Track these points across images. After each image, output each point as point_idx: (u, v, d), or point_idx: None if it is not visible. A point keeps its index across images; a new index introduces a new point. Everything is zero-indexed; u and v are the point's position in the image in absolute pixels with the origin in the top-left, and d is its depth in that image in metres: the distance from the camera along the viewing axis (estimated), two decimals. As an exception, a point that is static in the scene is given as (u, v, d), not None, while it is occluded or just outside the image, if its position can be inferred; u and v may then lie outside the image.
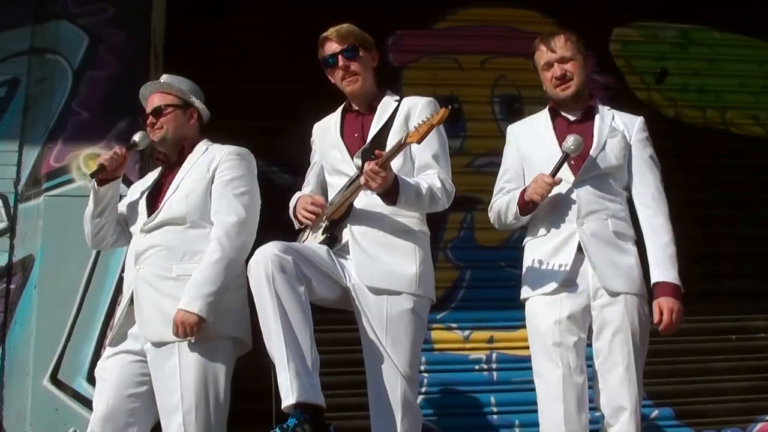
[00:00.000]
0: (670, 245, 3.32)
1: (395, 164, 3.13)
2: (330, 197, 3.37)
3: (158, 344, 3.24)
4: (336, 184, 3.34)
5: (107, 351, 3.42)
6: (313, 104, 3.59)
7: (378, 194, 3.08)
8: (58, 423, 4.17)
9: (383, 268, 3.16)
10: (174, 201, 3.40)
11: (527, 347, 3.47)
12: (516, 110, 5.49)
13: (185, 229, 3.37)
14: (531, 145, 3.51)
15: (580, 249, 3.29)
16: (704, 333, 5.30)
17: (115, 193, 3.51)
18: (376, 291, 3.14)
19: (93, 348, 4.25)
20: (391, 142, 3.18)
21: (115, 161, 3.42)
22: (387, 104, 3.39)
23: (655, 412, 5.10)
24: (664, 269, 3.27)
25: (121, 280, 4.18)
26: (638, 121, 3.52)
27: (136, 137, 3.51)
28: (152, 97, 3.60)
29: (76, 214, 4.14)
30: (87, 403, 4.09)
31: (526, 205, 3.34)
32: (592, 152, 3.36)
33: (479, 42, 5.62)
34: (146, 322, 3.28)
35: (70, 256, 4.35)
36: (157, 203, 3.45)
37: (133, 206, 3.57)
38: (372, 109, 3.40)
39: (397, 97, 3.42)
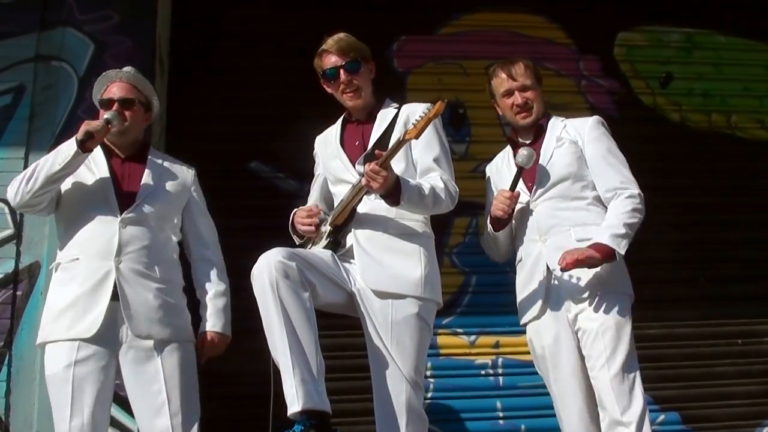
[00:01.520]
0: (619, 216, 3.26)
1: (397, 170, 3.13)
2: (335, 207, 3.36)
3: (144, 340, 3.26)
4: (340, 194, 3.33)
5: (74, 350, 3.21)
6: (319, 110, 3.60)
7: (380, 195, 3.08)
8: (65, 429, 4.18)
9: (388, 271, 3.15)
10: (155, 202, 3.44)
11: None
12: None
13: (158, 232, 3.43)
14: (500, 178, 3.59)
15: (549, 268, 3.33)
16: (710, 337, 5.31)
17: (80, 164, 3.39)
18: (382, 295, 3.13)
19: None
20: None
21: (102, 132, 3.29)
22: (387, 112, 3.40)
23: (662, 417, 5.09)
24: (600, 233, 3.24)
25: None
26: (590, 121, 3.51)
27: (109, 116, 3.36)
28: (117, 85, 3.53)
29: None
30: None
31: (495, 222, 3.44)
32: (539, 168, 3.41)
33: (484, 47, 5.60)
34: (134, 316, 3.26)
35: (76, 262, 4.35)
36: (124, 193, 3.42)
37: (86, 188, 3.42)
38: (372, 118, 3.40)
39: (396, 105, 3.43)
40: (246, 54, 5.30)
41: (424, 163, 3.28)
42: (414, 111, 3.31)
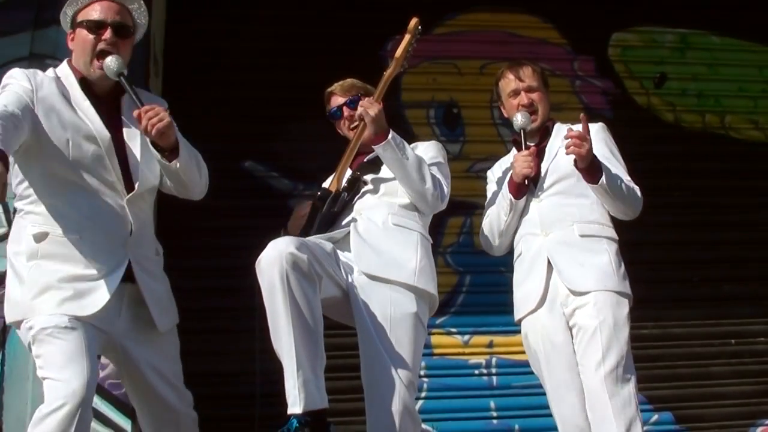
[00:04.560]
0: (623, 183, 3.28)
1: None
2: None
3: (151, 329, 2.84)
4: None
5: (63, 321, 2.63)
6: (313, 110, 3.60)
7: (372, 133, 3.15)
8: (58, 428, 4.17)
9: (383, 257, 3.15)
10: (146, 170, 2.88)
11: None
12: (515, 115, 5.52)
13: (150, 204, 3.00)
14: (505, 179, 3.50)
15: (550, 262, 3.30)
16: (704, 337, 5.33)
17: None
18: (374, 278, 3.12)
19: (93, 353, 4.23)
20: (386, 171, 3.24)
21: None
22: None
23: (655, 417, 5.11)
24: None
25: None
26: (596, 125, 3.47)
27: (116, 66, 2.81)
28: (113, 6, 2.88)
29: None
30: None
31: (518, 187, 3.36)
32: (544, 165, 3.40)
33: (478, 47, 5.63)
34: (157, 310, 2.82)
35: (70, 261, 4.33)
36: (126, 162, 2.83)
37: (76, 146, 2.74)
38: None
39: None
40: (240, 54, 5.29)
41: None
42: (423, 147, 3.39)
